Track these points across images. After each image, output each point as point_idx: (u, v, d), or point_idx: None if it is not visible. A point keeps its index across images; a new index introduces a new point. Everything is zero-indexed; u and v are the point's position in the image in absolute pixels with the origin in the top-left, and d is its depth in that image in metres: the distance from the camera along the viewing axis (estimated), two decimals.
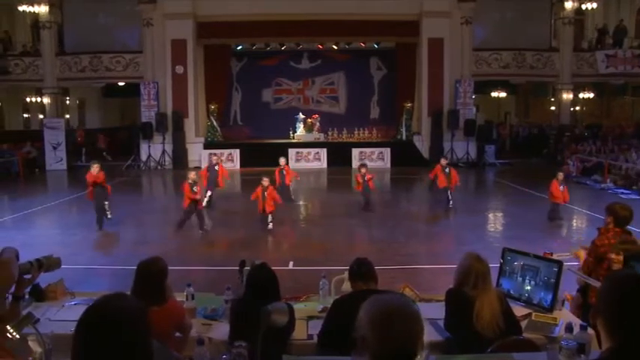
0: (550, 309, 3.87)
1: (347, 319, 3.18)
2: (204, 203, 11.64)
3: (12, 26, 23.99)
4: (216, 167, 13.03)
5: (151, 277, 3.36)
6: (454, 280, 3.57)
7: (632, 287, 1.77)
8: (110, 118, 28.03)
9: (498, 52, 21.76)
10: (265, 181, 10.35)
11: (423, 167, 20.03)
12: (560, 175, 11.24)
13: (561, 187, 10.98)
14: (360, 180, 12.02)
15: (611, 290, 1.79)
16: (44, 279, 4.06)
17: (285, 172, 12.93)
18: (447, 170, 12.21)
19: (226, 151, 20.61)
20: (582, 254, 4.66)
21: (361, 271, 3.55)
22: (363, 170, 12.13)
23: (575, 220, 11.84)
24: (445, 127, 20.99)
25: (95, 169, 10.63)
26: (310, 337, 3.65)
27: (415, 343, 1.60)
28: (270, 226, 10.37)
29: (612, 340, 1.72)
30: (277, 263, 6.87)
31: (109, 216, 10.84)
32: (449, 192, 12.14)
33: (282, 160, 13.24)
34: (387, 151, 21.08)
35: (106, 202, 10.76)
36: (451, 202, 12.12)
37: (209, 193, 12.74)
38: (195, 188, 10.15)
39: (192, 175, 10.44)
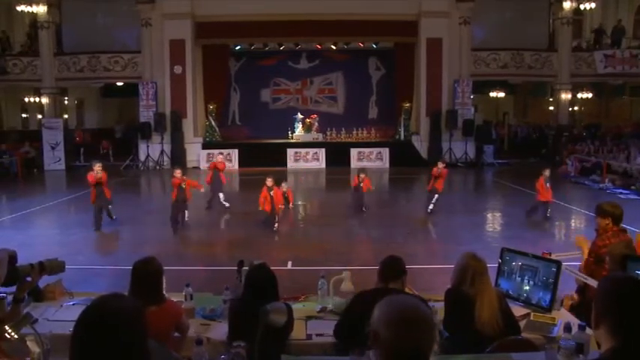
0: (549, 309, 3.88)
1: (365, 314, 3.24)
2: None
3: (10, 26, 23.98)
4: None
5: (147, 277, 3.36)
6: (452, 280, 3.58)
7: (631, 288, 1.79)
8: (109, 118, 28.02)
9: (497, 52, 21.78)
10: (269, 181, 10.31)
11: (422, 167, 20.10)
12: (547, 173, 11.34)
13: (547, 185, 11.16)
14: (356, 183, 11.99)
15: (610, 291, 1.80)
16: (42, 279, 4.07)
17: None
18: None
19: (225, 151, 20.62)
20: (584, 242, 4.71)
21: (386, 270, 3.57)
22: (362, 176, 11.99)
23: (573, 220, 11.88)
24: (443, 127, 21.01)
25: (98, 168, 10.58)
26: (309, 337, 3.65)
27: (429, 346, 1.60)
28: (276, 226, 10.33)
29: (613, 340, 1.72)
30: (276, 263, 6.88)
31: (113, 217, 10.88)
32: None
33: (283, 185, 12.38)
34: (385, 151, 21.09)
35: (110, 206, 10.79)
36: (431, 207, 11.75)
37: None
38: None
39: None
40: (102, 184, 10.54)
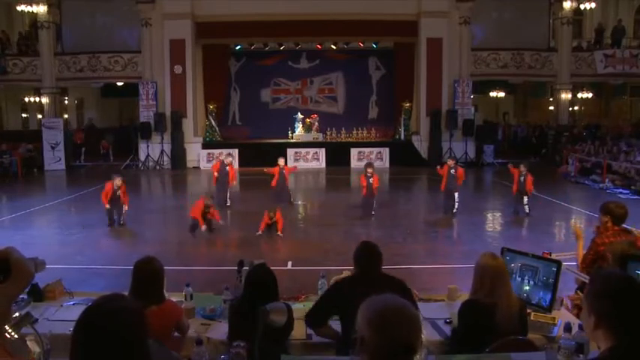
0: (549, 309, 3.88)
1: (341, 301, 3.33)
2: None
3: (10, 26, 23.98)
4: (227, 168, 12.80)
5: (148, 276, 3.36)
6: (472, 284, 3.46)
7: (626, 286, 1.79)
8: (109, 118, 28.03)
9: (497, 52, 21.78)
10: (281, 161, 10.30)
11: (422, 167, 20.10)
12: (522, 167, 11.66)
13: (522, 179, 11.49)
14: (365, 182, 11.46)
15: (606, 290, 1.79)
16: (42, 279, 4.08)
17: (285, 172, 12.62)
18: (452, 172, 11.67)
19: (225, 151, 20.57)
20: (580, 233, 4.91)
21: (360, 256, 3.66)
22: (370, 170, 11.54)
23: (573, 220, 11.87)
24: (443, 127, 21.00)
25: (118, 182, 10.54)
26: (309, 337, 3.66)
27: (413, 341, 1.60)
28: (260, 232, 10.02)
29: (612, 339, 1.72)
30: (276, 263, 6.87)
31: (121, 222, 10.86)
32: (456, 194, 11.62)
33: (281, 160, 12.82)
34: (385, 151, 21.09)
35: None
36: (457, 205, 11.67)
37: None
38: (208, 210, 9.78)
39: (208, 200, 10.00)
40: (119, 198, 10.52)
